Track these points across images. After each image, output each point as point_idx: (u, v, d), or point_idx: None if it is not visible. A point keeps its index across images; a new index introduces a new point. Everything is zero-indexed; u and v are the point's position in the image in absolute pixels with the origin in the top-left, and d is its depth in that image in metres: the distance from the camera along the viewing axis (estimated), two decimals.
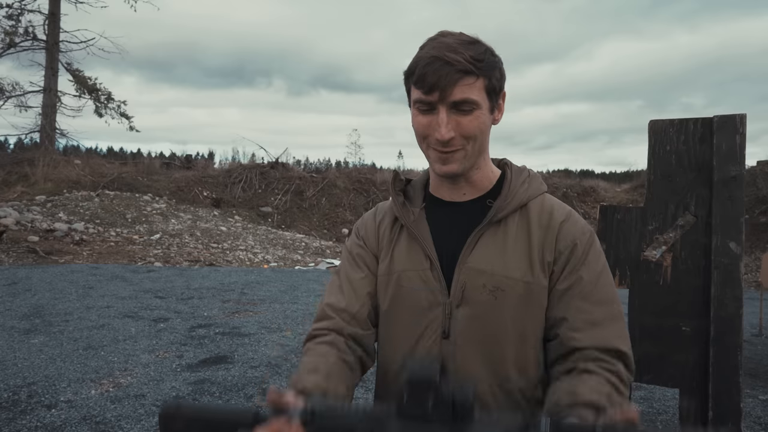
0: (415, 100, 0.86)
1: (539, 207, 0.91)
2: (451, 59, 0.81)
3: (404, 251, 0.93)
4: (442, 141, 0.84)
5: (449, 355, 0.88)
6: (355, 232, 1.02)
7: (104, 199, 13.05)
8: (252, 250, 11.08)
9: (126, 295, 6.33)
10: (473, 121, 0.85)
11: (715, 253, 1.47)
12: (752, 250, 12.87)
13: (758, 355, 5.12)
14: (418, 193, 0.98)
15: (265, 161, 17.23)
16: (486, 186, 0.94)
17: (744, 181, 1.49)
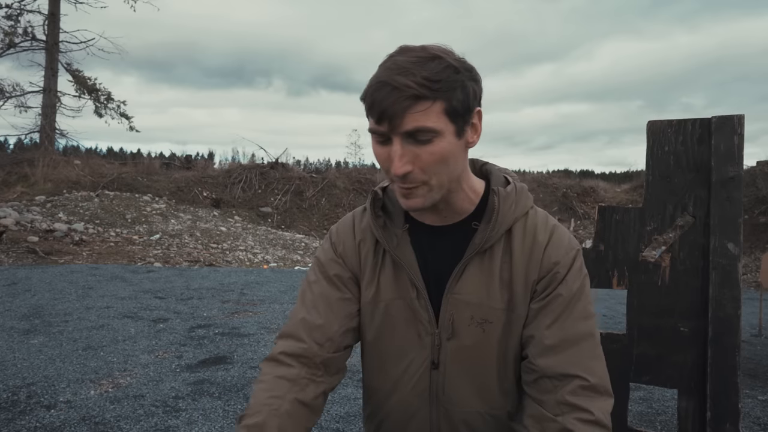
0: (369, 130, 0.77)
1: (522, 230, 0.86)
2: (399, 84, 0.70)
3: (390, 279, 0.88)
4: (398, 176, 0.75)
5: (439, 386, 0.88)
6: (330, 246, 0.93)
7: (104, 200, 13.05)
8: (252, 251, 11.08)
9: (125, 296, 6.33)
10: (433, 152, 0.74)
11: (713, 253, 1.48)
12: (752, 251, 12.87)
13: (757, 356, 5.12)
14: (399, 209, 0.89)
15: (264, 161, 17.23)
16: (468, 208, 0.86)
17: (742, 181, 1.49)
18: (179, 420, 3.03)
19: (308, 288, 0.92)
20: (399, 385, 0.90)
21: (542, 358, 0.81)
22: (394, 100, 0.70)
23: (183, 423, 3.00)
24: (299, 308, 0.91)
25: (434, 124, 0.72)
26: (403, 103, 0.70)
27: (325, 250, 0.94)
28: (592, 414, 0.77)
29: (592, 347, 0.82)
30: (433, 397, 0.88)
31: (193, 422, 3.02)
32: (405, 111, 0.71)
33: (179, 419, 3.04)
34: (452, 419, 0.88)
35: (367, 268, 0.90)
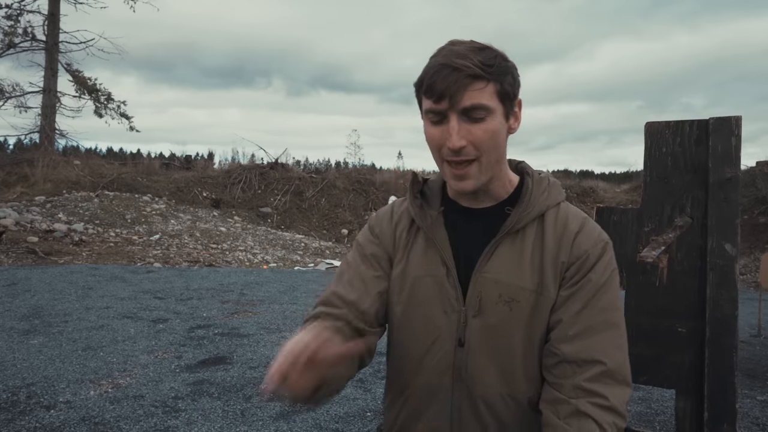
0: (426, 111, 0.84)
1: (554, 217, 0.90)
2: (459, 65, 0.79)
3: (421, 256, 0.92)
4: (454, 149, 0.81)
5: (463, 364, 0.88)
6: (369, 228, 1.00)
7: (104, 200, 13.05)
8: (251, 251, 11.08)
9: (125, 296, 6.33)
10: (486, 129, 0.82)
11: (711, 254, 1.48)
12: (751, 251, 12.87)
13: (756, 356, 5.13)
14: (435, 194, 0.96)
15: (264, 162, 17.23)
16: (503, 195, 0.92)
17: (740, 183, 1.49)
18: (179, 420, 3.04)
19: (346, 268, 0.97)
20: (424, 362, 0.91)
21: (565, 343, 0.83)
22: (455, 79, 0.78)
23: (182, 423, 3.00)
24: (335, 284, 0.95)
25: (488, 102, 0.81)
26: (462, 81, 0.79)
27: (363, 233, 1.00)
28: (607, 400, 0.78)
29: (616, 337, 0.84)
30: (456, 375, 0.89)
31: (193, 422, 3.02)
32: (464, 88, 0.79)
33: (179, 419, 3.05)
34: (474, 399, 0.88)
35: (400, 247, 0.94)
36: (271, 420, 3.11)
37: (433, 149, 0.85)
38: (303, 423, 3.09)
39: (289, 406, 3.29)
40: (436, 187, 0.97)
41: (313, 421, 3.12)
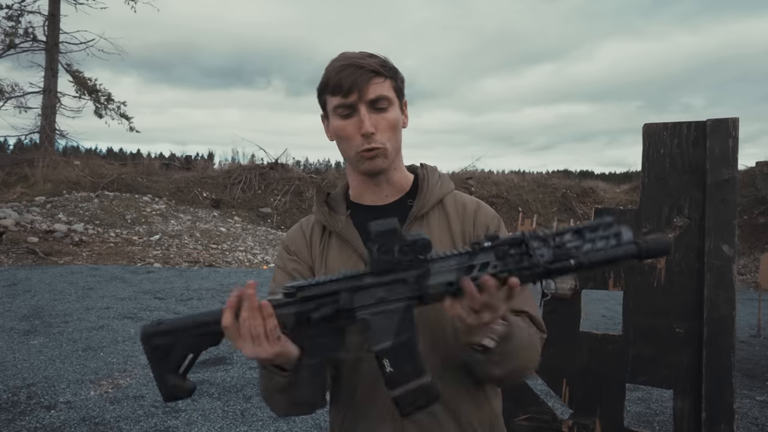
0: (335, 107, 0.92)
1: (453, 201, 1.01)
2: (361, 63, 0.90)
3: (337, 257, 0.97)
4: (368, 134, 0.90)
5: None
6: (284, 248, 1.04)
7: (104, 200, 13.06)
8: (251, 251, 11.09)
9: (125, 296, 6.34)
10: (389, 118, 0.92)
11: (708, 255, 1.49)
12: (751, 251, 12.87)
13: (756, 356, 5.13)
14: (340, 203, 1.03)
15: (264, 162, 17.24)
16: (405, 186, 1.01)
17: (737, 184, 1.50)
18: (179, 420, 3.04)
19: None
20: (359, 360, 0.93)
21: None
22: (360, 74, 0.89)
23: (182, 423, 3.01)
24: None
25: (389, 94, 0.92)
26: (366, 75, 0.89)
27: (279, 257, 1.05)
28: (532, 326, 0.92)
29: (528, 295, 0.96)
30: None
31: (193, 423, 3.03)
32: (368, 81, 0.90)
33: (179, 420, 3.06)
34: None
35: (316, 254, 1.00)
36: (271, 420, 3.12)
37: (346, 142, 0.93)
38: (302, 423, 3.10)
39: None
40: (340, 195, 1.05)
41: (313, 421, 3.13)
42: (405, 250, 0.74)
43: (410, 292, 0.74)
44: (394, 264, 0.74)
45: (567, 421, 1.63)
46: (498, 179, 17.75)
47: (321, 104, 0.97)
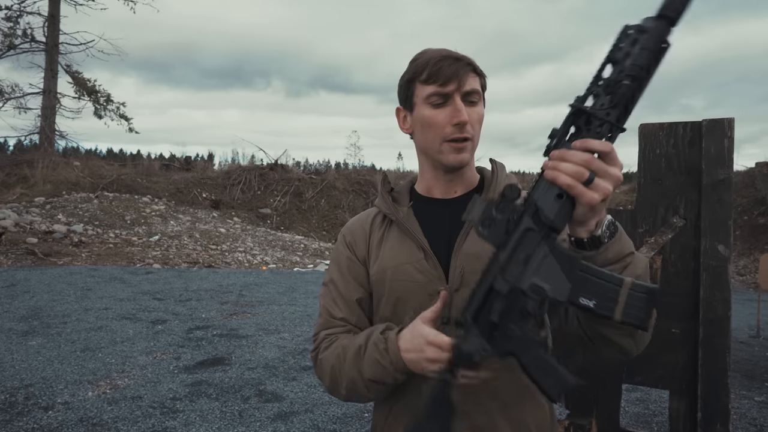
0: (429, 95, 0.91)
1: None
2: (459, 56, 0.92)
3: (396, 246, 0.96)
4: (462, 124, 0.89)
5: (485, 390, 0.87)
6: (341, 239, 1.04)
7: (103, 201, 13.06)
8: (251, 252, 11.09)
9: (124, 297, 6.34)
10: (479, 112, 0.93)
11: (704, 255, 1.49)
12: (751, 252, 12.87)
13: (755, 357, 5.13)
14: (404, 195, 1.03)
15: (264, 163, 17.24)
16: (474, 182, 1.00)
17: (732, 184, 1.50)
18: (176, 421, 3.04)
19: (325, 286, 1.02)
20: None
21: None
22: (459, 66, 0.90)
23: (180, 424, 3.01)
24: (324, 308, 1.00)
25: (480, 89, 0.93)
26: (465, 67, 0.91)
27: (338, 246, 1.05)
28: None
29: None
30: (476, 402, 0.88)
31: (191, 423, 3.02)
32: (467, 74, 0.91)
33: (177, 420, 3.05)
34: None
35: (374, 244, 1.00)
36: (269, 421, 3.12)
37: (436, 131, 0.92)
38: (300, 424, 3.09)
39: (287, 407, 3.29)
40: (404, 190, 1.04)
41: (311, 421, 3.13)
42: (502, 208, 0.72)
43: (541, 232, 0.70)
44: (506, 226, 0.71)
45: (563, 421, 1.63)
46: None
47: (405, 94, 0.96)
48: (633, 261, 0.78)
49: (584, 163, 0.67)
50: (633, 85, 0.66)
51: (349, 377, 0.90)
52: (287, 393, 3.55)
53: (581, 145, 0.67)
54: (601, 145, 0.67)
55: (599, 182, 0.67)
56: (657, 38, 0.65)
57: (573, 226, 0.73)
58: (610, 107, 0.67)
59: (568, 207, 0.69)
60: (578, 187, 0.67)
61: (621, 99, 0.66)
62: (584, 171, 0.67)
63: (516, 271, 0.70)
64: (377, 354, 0.86)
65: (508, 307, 0.70)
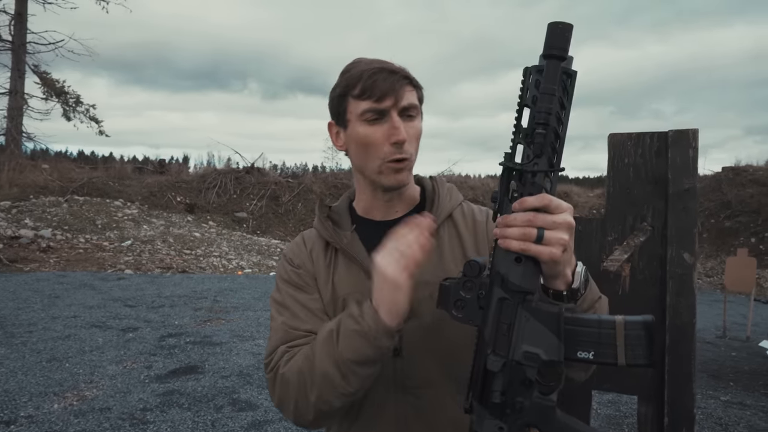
0: (364, 111, 0.86)
1: (461, 214, 0.97)
2: (395, 68, 0.87)
3: (344, 275, 0.92)
4: (400, 142, 0.85)
5: (404, 373, 0.87)
6: (286, 261, 0.97)
7: (73, 205, 12.71)
8: (226, 257, 10.93)
9: (94, 304, 6.17)
10: (417, 128, 0.89)
11: (670, 263, 1.52)
12: (717, 254, 13.26)
13: (721, 357, 5.27)
14: (344, 217, 0.98)
15: (240, 166, 17.04)
16: (414, 200, 0.97)
17: (697, 193, 1.53)
18: None
19: (281, 308, 0.92)
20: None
21: None
22: (395, 80, 0.85)
23: None
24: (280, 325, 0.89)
25: (417, 103, 0.89)
26: (401, 81, 0.86)
27: (282, 269, 0.97)
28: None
29: None
30: (399, 386, 0.87)
31: None
32: (403, 88, 0.86)
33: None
34: (421, 407, 0.87)
35: (321, 271, 0.93)
36: (243, 430, 3.06)
37: (373, 150, 0.87)
38: None
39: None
40: (343, 209, 0.99)
41: (285, 430, 3.09)
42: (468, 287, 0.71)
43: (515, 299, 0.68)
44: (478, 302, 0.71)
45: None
46: (474, 183, 17.91)
47: (338, 110, 0.90)
48: (600, 304, 0.80)
49: (528, 223, 0.65)
50: (547, 132, 0.66)
51: (322, 372, 0.78)
52: (261, 401, 3.50)
53: (519, 206, 0.67)
54: (538, 201, 0.66)
55: (551, 236, 0.65)
56: (552, 78, 0.66)
57: (548, 280, 0.71)
58: (535, 157, 0.67)
59: (532, 267, 0.68)
60: (531, 248, 0.65)
61: (542, 147, 0.66)
62: (531, 231, 0.65)
63: (504, 344, 0.68)
64: (353, 324, 0.77)
65: (510, 381, 0.68)
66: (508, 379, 0.68)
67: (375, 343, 0.76)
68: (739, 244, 12.64)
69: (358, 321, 0.77)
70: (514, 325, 0.68)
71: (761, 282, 11.19)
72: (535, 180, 0.67)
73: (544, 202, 0.66)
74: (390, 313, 0.76)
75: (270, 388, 0.87)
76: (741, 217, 13.99)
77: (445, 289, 0.74)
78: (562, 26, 0.66)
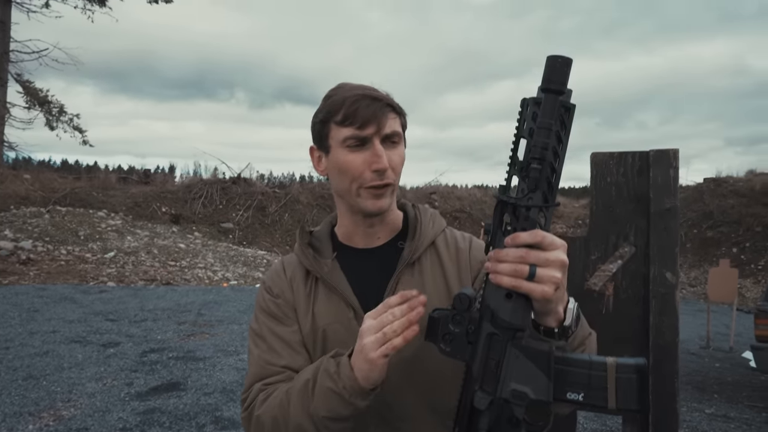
0: (346, 138, 0.85)
1: (444, 242, 0.95)
2: (378, 95, 0.86)
3: (325, 305, 0.89)
4: (382, 170, 0.84)
5: (384, 405, 0.84)
6: (265, 289, 0.95)
7: (55, 216, 12.49)
8: (211, 268, 10.81)
9: (74, 318, 6.04)
10: (400, 154, 0.89)
11: (653, 282, 1.52)
12: (700, 263, 13.44)
13: (705, 368, 5.31)
14: (325, 243, 0.96)
15: (226, 176, 16.93)
16: (397, 227, 0.96)
17: (678, 212, 1.54)
18: None
19: (259, 340, 0.90)
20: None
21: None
22: (377, 108, 0.84)
23: None
24: (256, 358, 0.88)
25: (400, 130, 0.89)
26: (384, 108, 0.85)
27: (261, 298, 0.95)
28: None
29: None
30: (379, 417, 0.85)
31: None
32: (386, 115, 0.85)
33: None
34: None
35: (301, 300, 0.91)
36: None
37: (353, 176, 0.86)
38: None
39: None
40: (325, 235, 0.97)
41: None
42: (457, 320, 0.70)
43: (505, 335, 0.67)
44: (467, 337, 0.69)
45: None
46: (461, 194, 17.99)
47: (320, 135, 0.89)
48: (590, 341, 0.79)
49: (520, 260, 0.64)
50: (543, 167, 0.64)
51: (296, 424, 0.77)
52: None
53: (512, 241, 0.65)
54: (531, 237, 0.64)
55: (543, 273, 0.63)
56: (550, 113, 0.64)
57: (540, 317, 0.69)
58: (530, 192, 0.65)
59: (523, 303, 0.66)
60: (523, 285, 0.64)
61: (537, 181, 0.65)
62: (523, 267, 0.63)
63: (492, 381, 0.66)
64: (329, 381, 0.75)
65: (497, 419, 0.66)
66: (495, 417, 0.66)
67: (350, 403, 0.75)
68: (721, 254, 12.83)
69: (335, 380, 0.75)
70: (503, 362, 0.66)
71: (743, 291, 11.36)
72: (529, 215, 0.65)
73: (537, 238, 0.64)
74: (366, 380, 0.74)
75: (245, 426, 0.85)
76: (723, 227, 14.22)
77: (434, 322, 0.71)
78: (561, 60, 0.64)
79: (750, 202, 14.37)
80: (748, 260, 13.22)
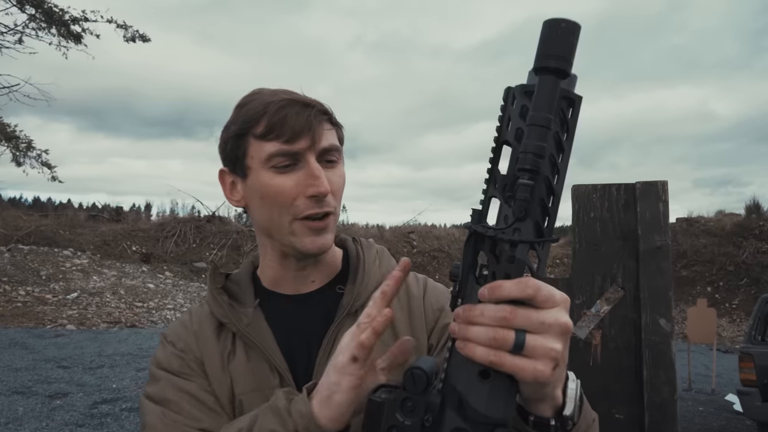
0: (271, 155, 0.66)
1: None
2: (308, 100, 0.69)
3: (244, 368, 0.69)
4: (321, 196, 0.66)
5: None
6: (167, 343, 0.73)
7: (16, 254, 11.94)
8: (181, 309, 10.36)
9: (22, 366, 5.58)
10: (340, 175, 0.72)
11: (645, 330, 1.36)
12: (677, 303, 13.49)
13: (689, 412, 5.14)
14: (245, 288, 0.76)
15: (202, 214, 16.59)
16: (335, 267, 0.77)
17: (670, 251, 1.40)
18: None
19: (157, 406, 0.67)
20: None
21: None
22: (311, 115, 0.67)
23: None
24: (164, 428, 0.65)
25: (339, 144, 0.72)
26: (319, 116, 0.68)
27: (161, 355, 0.72)
28: None
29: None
30: None
31: None
32: (321, 125, 0.68)
33: None
34: None
35: (213, 359, 0.70)
36: None
37: (282, 205, 0.67)
38: None
39: None
40: (245, 279, 0.77)
41: None
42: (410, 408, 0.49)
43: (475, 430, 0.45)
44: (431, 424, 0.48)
45: None
46: (440, 233, 17.91)
47: (234, 154, 0.70)
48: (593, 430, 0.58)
49: (502, 322, 0.43)
50: (536, 183, 0.44)
51: None
52: None
53: (490, 294, 0.43)
54: (519, 289, 0.43)
55: (535, 344, 0.43)
56: (547, 103, 0.43)
57: (530, 404, 0.50)
58: (517, 220, 0.44)
59: (505, 386, 0.45)
60: (506, 361, 0.43)
61: (527, 205, 0.43)
62: (506, 334, 0.43)
63: None
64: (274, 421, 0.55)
65: None
66: None
67: None
68: (697, 293, 12.91)
69: (283, 418, 0.55)
70: None
71: (719, 330, 11.36)
72: (515, 254, 0.44)
73: (528, 291, 0.43)
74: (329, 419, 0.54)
75: None
76: (696, 266, 14.37)
77: (376, 408, 0.50)
78: (565, 25, 0.42)
79: (722, 241, 14.62)
80: (722, 299, 13.32)
